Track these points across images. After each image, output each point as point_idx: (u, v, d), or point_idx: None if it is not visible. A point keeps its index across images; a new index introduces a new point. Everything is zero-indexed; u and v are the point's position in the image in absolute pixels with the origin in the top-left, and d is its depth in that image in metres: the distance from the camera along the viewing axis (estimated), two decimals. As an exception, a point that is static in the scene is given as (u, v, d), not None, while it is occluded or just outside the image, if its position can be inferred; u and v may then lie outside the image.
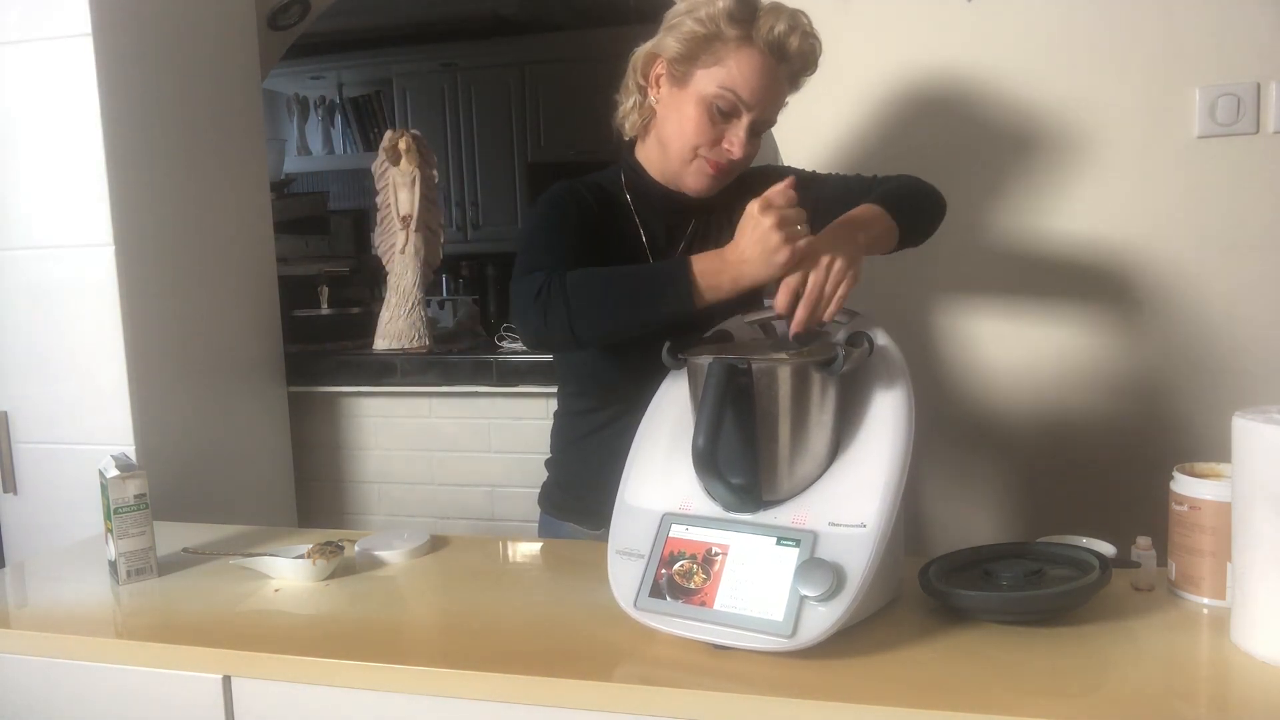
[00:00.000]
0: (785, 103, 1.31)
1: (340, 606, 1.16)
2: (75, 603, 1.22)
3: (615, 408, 1.34)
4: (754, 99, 1.24)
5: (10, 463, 1.71)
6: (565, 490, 1.45)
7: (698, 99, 1.25)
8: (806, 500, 1.00)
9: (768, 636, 0.93)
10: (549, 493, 1.48)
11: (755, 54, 1.22)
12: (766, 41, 1.22)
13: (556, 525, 1.45)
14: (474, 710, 0.96)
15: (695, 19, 1.23)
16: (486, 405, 2.14)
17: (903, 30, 1.70)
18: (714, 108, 1.24)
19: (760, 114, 1.26)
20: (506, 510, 2.15)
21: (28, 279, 1.67)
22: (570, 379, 1.43)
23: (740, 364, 0.98)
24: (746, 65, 1.23)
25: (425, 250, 2.24)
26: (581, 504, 1.42)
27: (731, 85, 1.23)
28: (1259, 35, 1.56)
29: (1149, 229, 1.65)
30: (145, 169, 1.70)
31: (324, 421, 2.24)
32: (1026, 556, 1.08)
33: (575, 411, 1.43)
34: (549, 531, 1.47)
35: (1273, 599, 0.89)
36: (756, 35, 1.22)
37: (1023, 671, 0.91)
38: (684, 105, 1.26)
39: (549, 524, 1.47)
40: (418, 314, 2.23)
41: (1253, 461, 0.90)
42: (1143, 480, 1.31)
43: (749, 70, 1.23)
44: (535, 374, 2.07)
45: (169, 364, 1.76)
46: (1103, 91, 1.63)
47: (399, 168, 2.23)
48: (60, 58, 1.60)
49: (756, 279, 1.10)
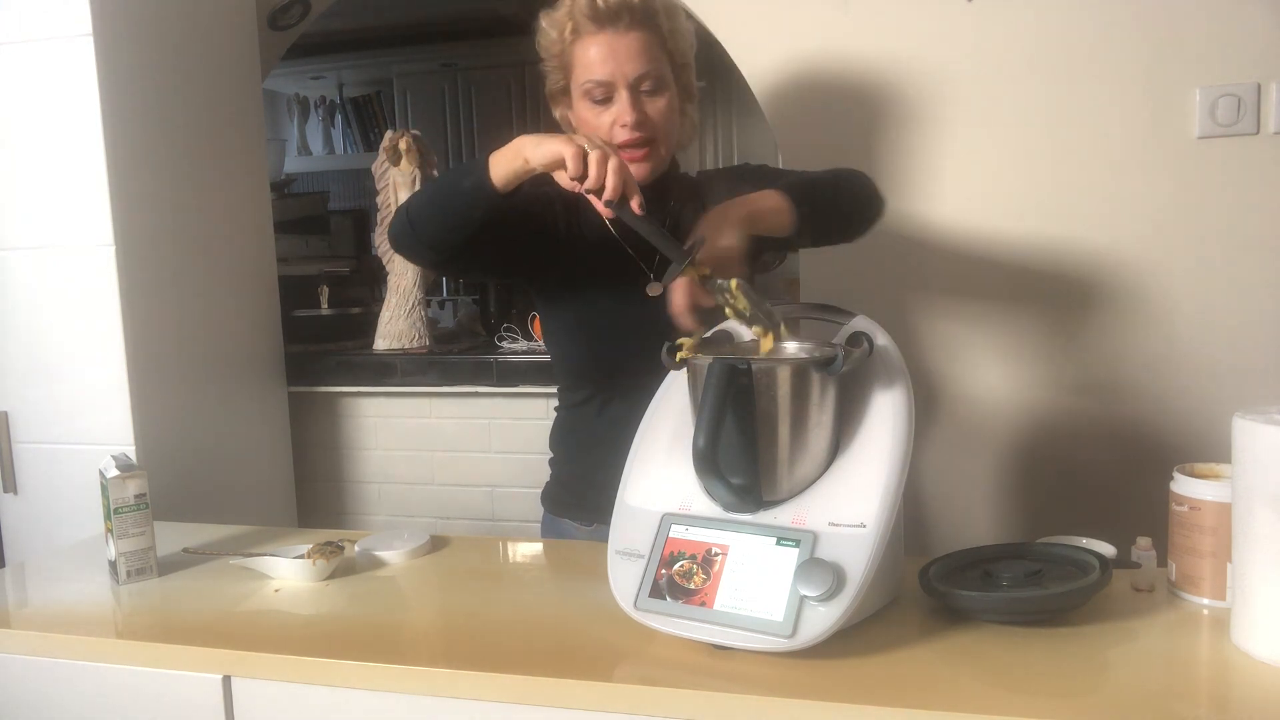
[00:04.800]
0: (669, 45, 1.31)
1: (340, 606, 1.16)
2: (75, 603, 1.22)
3: (604, 395, 1.38)
4: (610, 72, 1.28)
5: (10, 463, 1.71)
6: (561, 485, 1.48)
7: (580, 103, 1.32)
8: (806, 500, 1.00)
9: (767, 637, 0.93)
10: (548, 490, 1.50)
11: (587, 36, 1.28)
12: (586, 20, 1.28)
13: (554, 522, 1.47)
14: (474, 710, 0.96)
15: (542, 54, 1.35)
16: (486, 405, 2.14)
17: (903, 30, 1.70)
18: (591, 103, 1.30)
19: (632, 77, 1.28)
20: (506, 510, 2.15)
21: (28, 279, 1.67)
22: (563, 373, 1.46)
23: (740, 364, 0.98)
24: (587, 49, 1.29)
25: (425, 250, 2.24)
26: (576, 499, 1.44)
27: (589, 75, 1.29)
28: (1259, 35, 1.56)
29: (1149, 229, 1.65)
30: (145, 169, 1.70)
31: (324, 421, 2.24)
32: (1026, 557, 1.08)
33: (570, 405, 1.46)
34: (548, 529, 1.49)
35: (1273, 599, 0.89)
36: (578, 21, 1.28)
37: (1023, 672, 0.91)
38: (580, 114, 1.33)
39: (548, 521, 1.49)
40: (418, 314, 2.23)
41: (1253, 461, 0.90)
42: (1143, 480, 1.31)
43: (590, 51, 1.28)
44: (535, 374, 2.07)
45: (169, 364, 1.76)
46: (1103, 92, 1.64)
47: (399, 168, 2.23)
48: (60, 58, 1.60)
49: (530, 157, 1.13)
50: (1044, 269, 1.69)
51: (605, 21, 1.27)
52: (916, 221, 1.74)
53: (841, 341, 1.07)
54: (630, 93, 1.28)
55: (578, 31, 1.29)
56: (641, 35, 1.28)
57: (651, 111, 1.30)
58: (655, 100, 1.30)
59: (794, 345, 1.10)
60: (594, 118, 1.31)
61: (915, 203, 1.74)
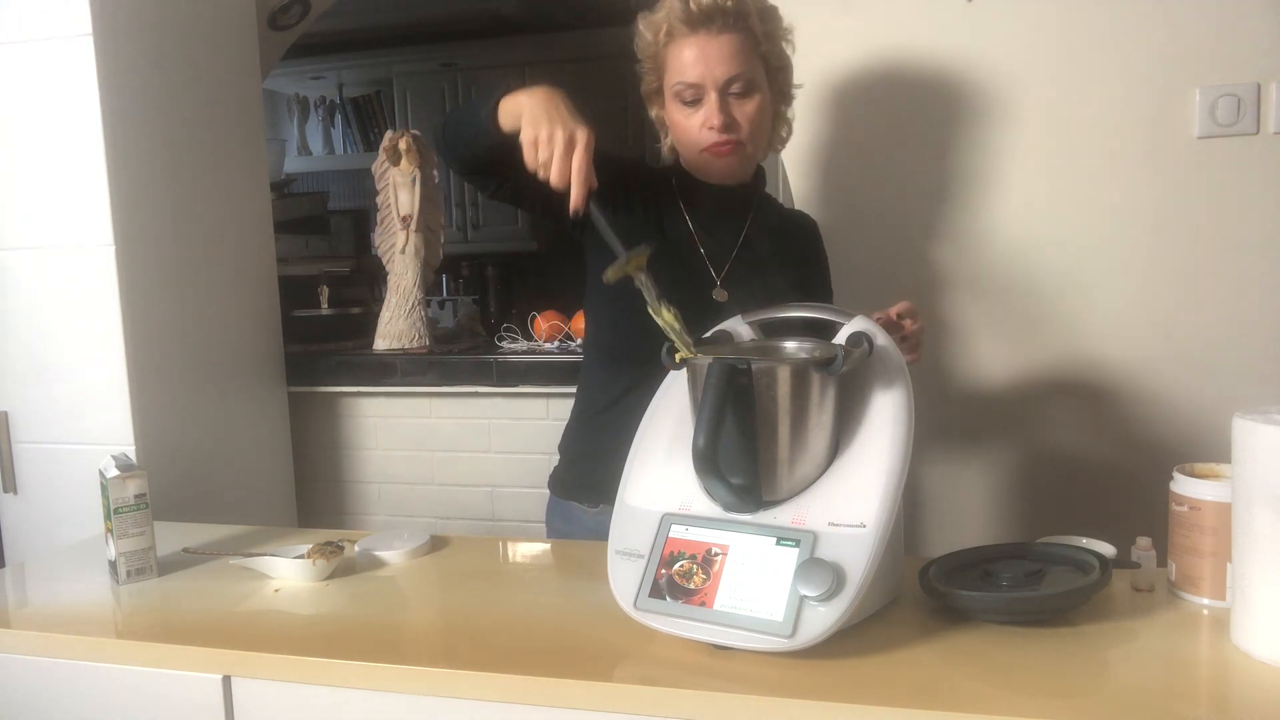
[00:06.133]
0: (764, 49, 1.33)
1: (340, 606, 1.16)
2: (75, 603, 1.22)
3: (629, 380, 1.36)
4: (700, 74, 1.30)
5: (10, 463, 1.71)
6: (571, 466, 1.48)
7: (671, 104, 1.36)
8: (806, 500, 1.00)
9: (768, 636, 0.93)
10: (556, 474, 1.51)
11: (680, 39, 1.31)
12: (680, 23, 1.30)
13: (561, 505, 1.48)
14: (474, 710, 0.96)
15: (639, 55, 1.38)
16: (486, 405, 2.14)
17: (903, 30, 1.70)
18: (681, 104, 1.34)
19: (721, 80, 1.30)
20: (506, 510, 2.15)
21: (28, 279, 1.67)
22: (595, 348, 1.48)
23: (740, 364, 0.98)
24: (679, 52, 1.31)
25: (425, 250, 2.24)
26: (584, 480, 1.44)
27: (679, 77, 1.32)
28: (1259, 35, 1.56)
29: (1149, 229, 1.65)
30: (145, 169, 1.70)
31: (324, 421, 2.24)
32: (1026, 556, 1.08)
33: (592, 386, 1.46)
34: (553, 513, 1.50)
35: (1273, 599, 0.89)
36: (672, 24, 1.31)
37: (1023, 672, 0.91)
38: (671, 116, 1.38)
39: (553, 505, 1.50)
40: (418, 314, 2.23)
41: (1253, 461, 0.90)
42: (1143, 480, 1.31)
43: (684, 54, 1.31)
44: (535, 374, 2.07)
45: (169, 364, 1.76)
46: (1103, 91, 1.64)
47: (399, 168, 2.23)
48: (60, 58, 1.60)
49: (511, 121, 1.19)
50: (1044, 268, 1.69)
51: (698, 24, 1.30)
52: (915, 222, 1.74)
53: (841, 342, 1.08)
54: (719, 95, 1.31)
55: (671, 34, 1.32)
56: (733, 38, 1.30)
57: (739, 114, 1.32)
58: (744, 103, 1.32)
59: (794, 345, 1.10)
60: (684, 119, 1.34)
61: (914, 203, 1.74)
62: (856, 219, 1.76)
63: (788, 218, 1.53)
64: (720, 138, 1.32)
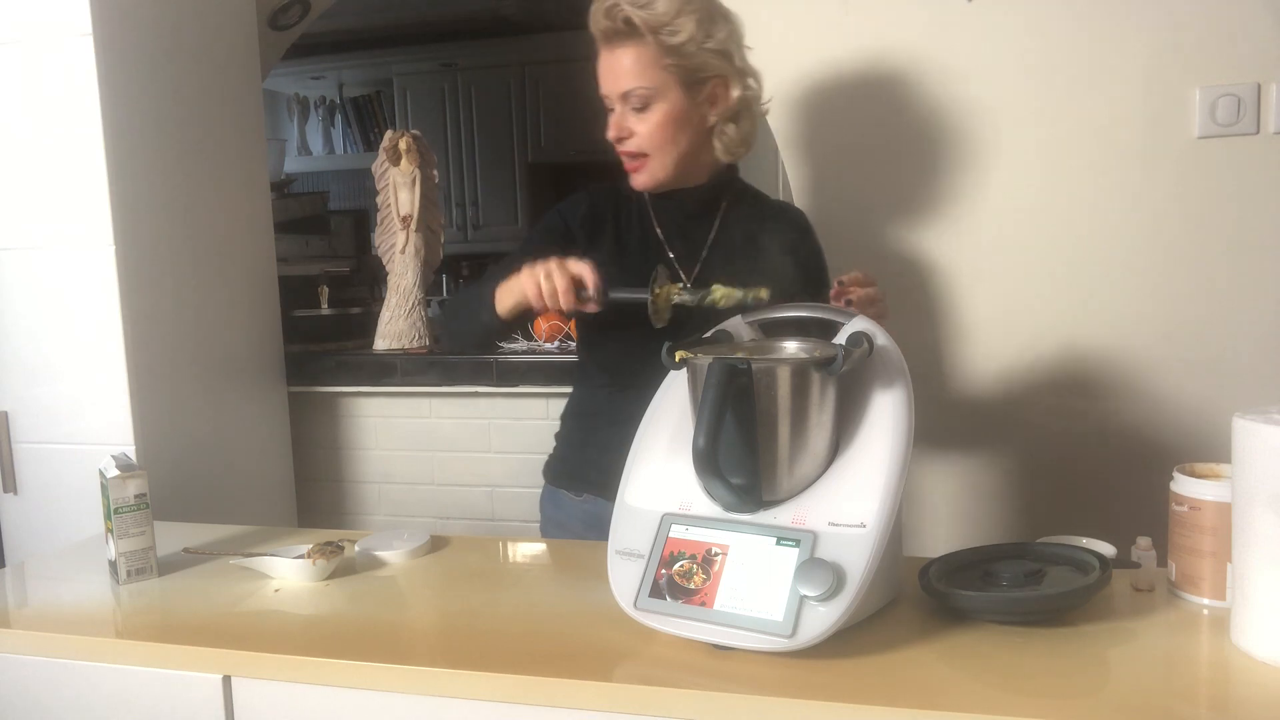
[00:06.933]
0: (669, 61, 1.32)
1: (340, 606, 1.16)
2: (75, 603, 1.22)
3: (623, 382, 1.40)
4: (606, 86, 1.34)
5: (10, 463, 1.71)
6: (558, 455, 1.53)
7: None
8: (806, 500, 1.00)
9: (768, 636, 0.93)
10: (550, 462, 1.54)
11: (600, 52, 1.35)
12: (596, 38, 1.34)
13: (551, 492, 1.52)
14: (474, 710, 0.96)
15: None
16: (486, 405, 2.14)
17: (901, 30, 1.70)
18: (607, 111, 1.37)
19: (616, 93, 1.33)
20: (506, 510, 2.15)
21: (28, 279, 1.67)
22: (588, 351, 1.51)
23: (740, 364, 0.98)
24: (598, 64, 1.35)
25: (425, 250, 2.24)
26: (567, 468, 1.49)
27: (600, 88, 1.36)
28: (1259, 35, 1.56)
29: (1149, 229, 1.65)
30: (145, 169, 1.70)
31: (324, 421, 2.24)
32: (1026, 556, 1.08)
33: (587, 383, 1.50)
34: (544, 499, 1.54)
35: (1273, 599, 0.89)
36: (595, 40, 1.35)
37: (1023, 672, 0.91)
38: None
39: (546, 492, 1.54)
40: (418, 314, 2.23)
41: (1253, 461, 0.90)
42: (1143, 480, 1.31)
43: (599, 67, 1.35)
44: (535, 374, 2.07)
45: (169, 364, 1.76)
46: (1103, 91, 1.63)
47: (399, 168, 2.23)
48: (60, 58, 1.60)
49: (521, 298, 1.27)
50: (1043, 268, 1.69)
51: (605, 39, 1.33)
52: (915, 222, 1.74)
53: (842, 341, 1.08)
54: (621, 108, 1.34)
55: (597, 48, 1.35)
56: (632, 50, 1.31)
57: (638, 126, 1.33)
58: (644, 115, 1.33)
59: (794, 345, 1.10)
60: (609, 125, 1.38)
61: (914, 204, 1.74)
62: (857, 219, 1.76)
63: (769, 212, 1.49)
64: (620, 149, 1.35)
